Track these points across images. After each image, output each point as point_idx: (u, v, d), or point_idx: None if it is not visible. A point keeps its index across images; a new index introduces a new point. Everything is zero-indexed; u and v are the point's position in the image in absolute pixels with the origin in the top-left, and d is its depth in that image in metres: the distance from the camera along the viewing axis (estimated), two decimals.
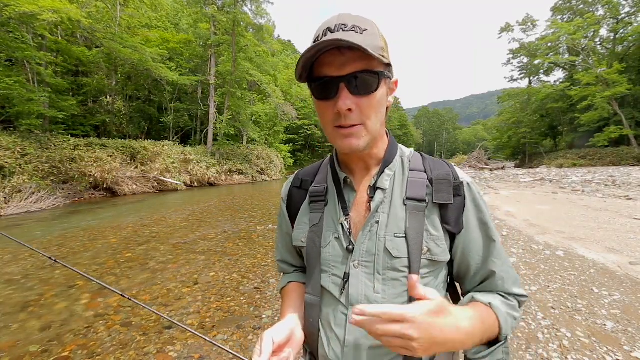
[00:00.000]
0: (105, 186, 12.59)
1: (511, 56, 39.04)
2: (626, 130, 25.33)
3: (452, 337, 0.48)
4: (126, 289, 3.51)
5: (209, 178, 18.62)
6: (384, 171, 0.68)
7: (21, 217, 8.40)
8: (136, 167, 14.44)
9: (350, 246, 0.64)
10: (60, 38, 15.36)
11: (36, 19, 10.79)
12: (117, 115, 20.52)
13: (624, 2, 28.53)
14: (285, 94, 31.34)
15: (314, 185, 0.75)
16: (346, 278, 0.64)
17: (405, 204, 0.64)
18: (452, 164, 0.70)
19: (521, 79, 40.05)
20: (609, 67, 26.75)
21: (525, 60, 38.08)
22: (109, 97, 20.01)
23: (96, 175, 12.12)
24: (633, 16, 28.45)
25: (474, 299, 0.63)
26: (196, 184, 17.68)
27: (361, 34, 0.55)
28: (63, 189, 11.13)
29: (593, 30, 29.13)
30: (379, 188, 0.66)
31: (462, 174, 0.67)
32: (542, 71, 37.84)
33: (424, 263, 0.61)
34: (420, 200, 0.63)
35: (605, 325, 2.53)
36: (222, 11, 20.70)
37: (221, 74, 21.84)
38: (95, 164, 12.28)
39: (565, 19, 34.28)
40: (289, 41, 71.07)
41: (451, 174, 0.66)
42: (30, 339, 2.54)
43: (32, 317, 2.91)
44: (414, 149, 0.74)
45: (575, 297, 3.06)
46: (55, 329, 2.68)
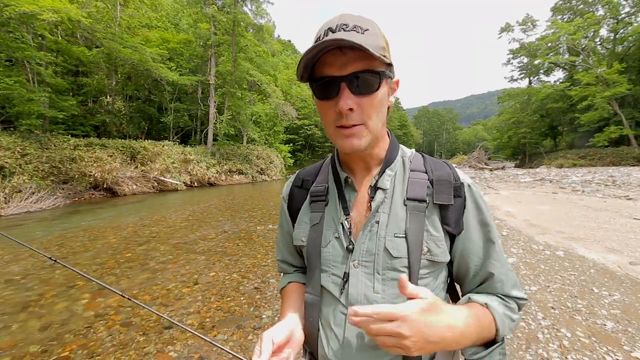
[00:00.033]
0: (105, 186, 12.59)
1: (511, 56, 39.04)
2: (626, 130, 25.33)
3: (445, 335, 0.49)
4: (126, 289, 3.51)
5: (209, 178, 18.62)
6: (384, 171, 0.68)
7: (21, 217, 8.40)
8: (136, 167, 14.44)
9: (350, 246, 0.65)
10: (60, 38, 15.36)
11: (36, 18, 10.79)
12: (117, 115, 20.51)
13: (624, 2, 28.55)
14: (285, 94, 31.35)
15: (315, 185, 0.75)
16: (346, 278, 0.64)
17: (406, 204, 0.64)
18: (453, 165, 0.71)
19: (521, 79, 40.07)
20: (609, 67, 26.74)
21: (525, 60, 38.08)
22: (109, 97, 20.01)
23: (96, 175, 12.12)
24: (633, 16, 28.46)
25: (470, 300, 0.63)
26: (196, 184, 17.67)
27: (362, 33, 0.55)
28: (63, 189, 11.13)
29: (593, 30, 29.14)
30: (379, 188, 0.67)
31: (463, 175, 0.67)
32: (542, 71, 37.86)
33: (423, 263, 0.61)
34: (421, 201, 0.63)
35: (605, 325, 2.53)
36: (222, 11, 20.70)
37: (221, 74, 21.84)
38: (95, 164, 12.28)
39: (565, 19, 34.27)
40: (289, 41, 71.07)
41: (452, 175, 0.66)
42: (30, 339, 2.54)
43: (32, 317, 2.90)
44: (414, 149, 0.75)
45: (575, 297, 3.06)
46: (55, 329, 2.68)
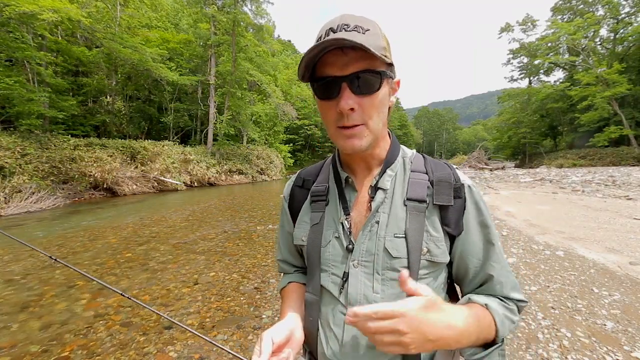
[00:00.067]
0: (105, 186, 12.58)
1: (511, 56, 39.03)
2: (626, 130, 25.33)
3: (444, 333, 0.48)
4: (126, 289, 3.51)
5: (209, 178, 18.62)
6: (385, 171, 0.68)
7: (21, 217, 8.40)
8: (136, 167, 14.44)
9: (350, 245, 0.65)
10: (60, 38, 15.35)
11: (36, 18, 10.78)
12: (117, 115, 20.50)
13: (624, 2, 28.55)
14: (285, 94, 31.35)
15: (315, 185, 0.75)
16: (345, 277, 0.64)
17: (406, 205, 0.64)
18: (454, 166, 0.70)
19: (521, 79, 40.06)
20: (609, 67, 26.73)
21: (525, 60, 38.07)
22: (109, 97, 20.00)
23: (96, 175, 12.12)
24: (633, 16, 28.46)
25: (470, 300, 0.63)
26: (196, 184, 17.67)
27: (363, 34, 0.55)
28: (63, 189, 11.13)
29: (593, 30, 29.13)
30: (380, 188, 0.67)
31: (464, 177, 0.67)
32: (542, 71, 37.85)
33: (423, 264, 0.61)
34: (421, 201, 0.63)
35: (605, 325, 2.53)
36: (222, 11, 20.69)
37: (221, 74, 21.83)
38: (95, 164, 12.28)
39: (565, 19, 34.27)
40: (289, 41, 71.08)
41: (452, 175, 0.66)
42: (30, 339, 2.54)
43: (32, 317, 2.90)
44: (414, 150, 0.74)
45: (575, 297, 3.06)
46: (55, 329, 2.68)
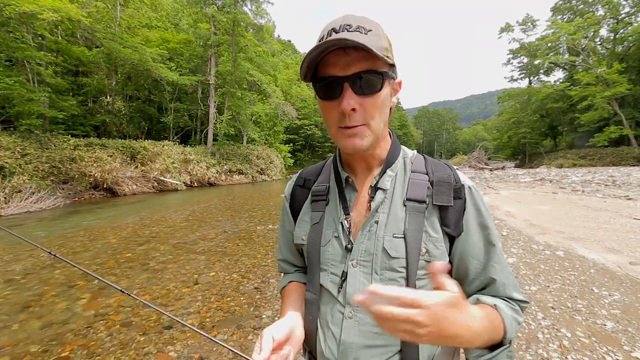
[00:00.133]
0: (105, 186, 12.58)
1: (511, 56, 39.01)
2: (626, 130, 25.32)
3: (461, 333, 0.47)
4: (126, 289, 3.51)
5: (209, 178, 18.61)
6: (385, 172, 0.68)
7: (21, 217, 8.40)
8: (136, 167, 14.44)
9: (349, 245, 0.65)
10: (60, 38, 15.34)
11: (36, 18, 10.78)
12: (117, 115, 20.50)
13: (624, 2, 28.54)
14: (285, 94, 31.35)
15: (316, 185, 0.75)
16: (344, 277, 0.64)
17: (405, 205, 0.64)
18: (455, 167, 0.70)
19: (521, 79, 40.05)
20: (609, 67, 26.72)
21: (525, 60, 38.05)
22: (109, 97, 20.00)
23: (96, 175, 12.12)
24: (633, 16, 28.45)
25: (479, 301, 0.62)
26: (196, 184, 17.67)
27: (366, 34, 0.55)
28: (63, 189, 11.13)
29: (593, 30, 29.12)
30: (379, 188, 0.67)
31: (464, 177, 0.67)
32: (542, 71, 37.84)
33: (421, 264, 0.61)
34: (420, 202, 0.63)
35: (605, 325, 2.53)
36: (222, 11, 20.70)
37: (221, 74, 21.83)
38: (95, 164, 12.27)
39: (565, 19, 34.26)
40: (289, 41, 71.12)
41: (452, 176, 0.66)
42: (30, 338, 2.54)
43: (32, 317, 2.90)
44: (415, 150, 0.75)
45: (575, 297, 3.06)
46: (55, 329, 2.68)
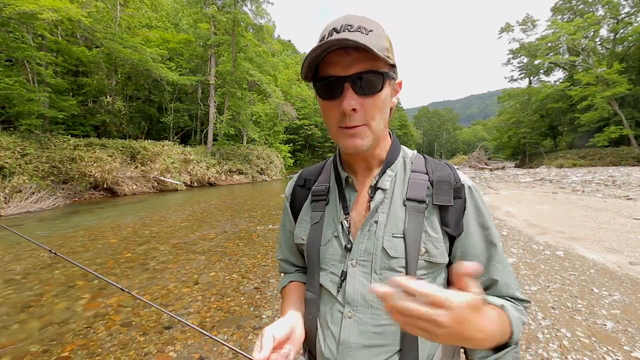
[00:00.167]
0: (105, 186, 12.58)
1: (511, 56, 39.01)
2: (626, 130, 25.31)
3: (475, 335, 0.46)
4: (126, 288, 3.51)
5: (209, 178, 18.61)
6: (385, 171, 0.68)
7: (21, 217, 8.40)
8: (136, 167, 14.43)
9: (349, 245, 0.65)
10: (60, 38, 15.34)
11: (36, 18, 10.77)
12: (117, 115, 20.50)
13: (624, 2, 28.54)
14: (285, 94, 31.34)
15: (316, 185, 0.76)
16: (343, 276, 0.64)
17: (405, 205, 0.64)
18: (455, 167, 0.70)
19: (521, 79, 40.05)
20: (609, 67, 26.71)
21: (525, 60, 38.05)
22: (109, 97, 20.00)
23: (96, 175, 12.12)
24: (633, 16, 28.45)
25: (487, 301, 0.60)
26: (196, 184, 17.66)
27: (367, 34, 0.55)
28: (63, 189, 11.12)
29: (593, 30, 29.11)
30: (379, 188, 0.67)
31: (464, 177, 0.67)
32: (542, 71, 37.83)
33: (421, 264, 0.61)
34: (420, 202, 0.63)
35: (605, 325, 2.53)
36: (222, 11, 20.69)
37: (221, 74, 21.82)
38: (95, 164, 12.27)
39: (565, 19, 34.26)
40: (289, 41, 71.14)
41: (452, 176, 0.66)
42: (30, 338, 2.54)
43: (32, 317, 2.90)
44: (415, 150, 0.75)
45: (575, 297, 3.06)
46: (55, 329, 2.68)
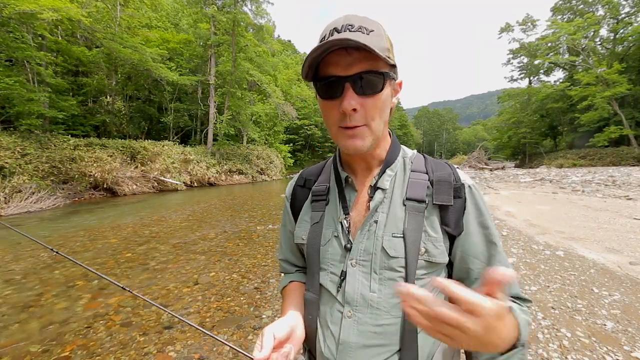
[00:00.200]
0: (105, 186, 12.58)
1: (511, 56, 39.01)
2: (626, 130, 25.31)
3: (494, 341, 0.43)
4: (128, 287, 3.51)
5: (209, 178, 18.61)
6: (385, 171, 0.68)
7: (21, 217, 8.40)
8: (136, 167, 14.43)
9: (348, 245, 0.65)
10: (60, 38, 15.34)
11: (36, 18, 10.76)
12: (117, 115, 20.50)
13: (624, 2, 28.54)
14: (285, 94, 31.35)
15: (316, 185, 0.76)
16: (343, 276, 0.64)
17: (405, 205, 0.64)
18: (455, 166, 0.70)
19: (521, 79, 40.04)
20: (609, 67, 26.71)
21: (525, 60, 38.05)
22: (109, 97, 20.00)
23: (96, 175, 12.12)
24: (633, 16, 28.45)
25: None
26: (196, 184, 17.66)
27: (368, 34, 0.55)
28: (63, 189, 11.12)
29: (593, 30, 29.11)
30: (379, 188, 0.67)
31: (464, 176, 0.67)
32: (542, 71, 37.83)
33: (421, 264, 0.61)
34: (420, 201, 0.63)
35: (605, 325, 2.53)
36: (222, 11, 20.70)
37: (221, 74, 21.83)
38: (95, 164, 12.27)
39: (565, 19, 34.25)
40: (289, 41, 71.13)
41: (452, 175, 0.66)
42: (30, 338, 2.54)
43: (32, 317, 2.90)
44: (415, 150, 0.75)
45: (575, 297, 3.06)
46: (55, 329, 2.68)
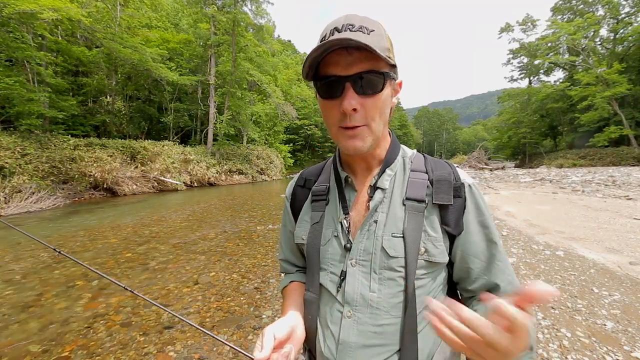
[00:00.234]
0: (105, 186, 12.58)
1: (511, 56, 39.03)
2: (626, 130, 25.31)
3: (515, 353, 0.40)
4: (129, 287, 3.51)
5: (209, 178, 18.61)
6: (384, 171, 0.68)
7: (21, 217, 8.39)
8: (136, 167, 14.44)
9: (348, 244, 0.65)
10: (60, 38, 15.34)
11: (36, 18, 10.76)
12: (117, 115, 20.50)
13: (624, 2, 28.55)
14: (285, 94, 31.35)
15: (316, 185, 0.76)
16: (343, 276, 0.64)
17: (405, 204, 0.64)
18: (455, 165, 0.70)
19: (521, 79, 40.05)
20: (609, 67, 26.72)
21: (525, 60, 38.06)
22: (109, 97, 20.00)
23: (96, 175, 12.12)
24: (633, 16, 28.45)
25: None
26: (196, 184, 17.67)
27: (368, 34, 0.55)
28: (63, 189, 11.12)
29: (593, 30, 29.11)
30: (379, 188, 0.67)
31: (464, 176, 0.67)
32: (542, 71, 37.83)
33: (420, 264, 0.61)
34: (420, 201, 0.63)
35: (605, 325, 2.53)
36: (222, 11, 20.70)
37: (221, 74, 21.83)
38: (95, 164, 12.27)
39: (565, 19, 34.26)
40: (289, 41, 71.15)
41: (452, 174, 0.66)
42: (30, 338, 2.54)
43: (32, 317, 2.90)
44: (415, 150, 0.74)
45: (575, 297, 3.06)
46: (55, 329, 2.68)
